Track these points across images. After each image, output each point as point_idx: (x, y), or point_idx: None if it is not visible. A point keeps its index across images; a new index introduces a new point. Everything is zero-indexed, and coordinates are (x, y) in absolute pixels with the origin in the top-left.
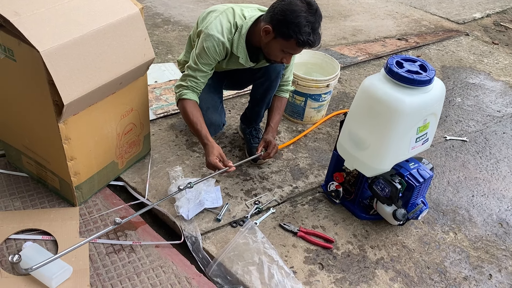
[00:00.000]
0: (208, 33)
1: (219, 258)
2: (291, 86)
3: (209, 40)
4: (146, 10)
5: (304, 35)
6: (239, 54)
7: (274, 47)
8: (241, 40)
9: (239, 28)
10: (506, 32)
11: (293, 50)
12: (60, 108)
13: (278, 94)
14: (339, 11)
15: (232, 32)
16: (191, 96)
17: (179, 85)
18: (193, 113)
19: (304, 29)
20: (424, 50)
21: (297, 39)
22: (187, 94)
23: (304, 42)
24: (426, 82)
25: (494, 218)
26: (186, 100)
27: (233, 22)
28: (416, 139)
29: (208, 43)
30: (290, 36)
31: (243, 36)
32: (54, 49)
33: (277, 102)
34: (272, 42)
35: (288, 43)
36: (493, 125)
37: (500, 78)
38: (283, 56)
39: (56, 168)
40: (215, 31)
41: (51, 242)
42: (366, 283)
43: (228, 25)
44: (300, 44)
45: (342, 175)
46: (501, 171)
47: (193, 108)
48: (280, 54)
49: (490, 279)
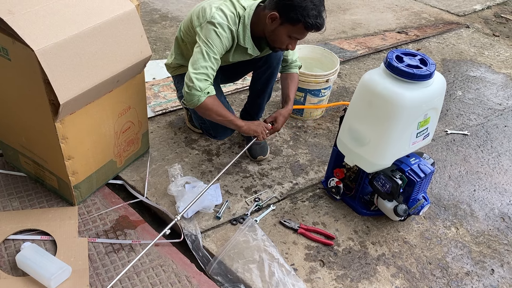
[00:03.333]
0: (215, 22)
1: (219, 256)
2: (299, 63)
3: (219, 28)
4: (144, 6)
5: (312, 18)
6: (247, 45)
7: (281, 33)
8: (247, 31)
9: (241, 19)
10: (507, 24)
11: (300, 35)
12: (56, 107)
13: (287, 71)
14: (338, 5)
15: (236, 23)
16: (214, 90)
17: (202, 79)
18: (223, 106)
19: (312, 12)
20: (425, 43)
21: (305, 22)
22: (212, 89)
23: (312, 25)
24: (427, 77)
25: (496, 213)
26: (213, 96)
27: (236, 13)
28: (416, 134)
29: (219, 30)
30: (298, 20)
31: (247, 26)
32: (49, 47)
33: (289, 77)
34: (279, 28)
35: (296, 28)
36: (495, 118)
37: (501, 70)
38: (289, 42)
39: (54, 167)
40: (221, 20)
41: (50, 242)
42: (368, 279)
43: (232, 16)
44: (308, 27)
45: (342, 171)
46: (503, 165)
47: (220, 102)
48: (286, 40)
49: (492, 274)
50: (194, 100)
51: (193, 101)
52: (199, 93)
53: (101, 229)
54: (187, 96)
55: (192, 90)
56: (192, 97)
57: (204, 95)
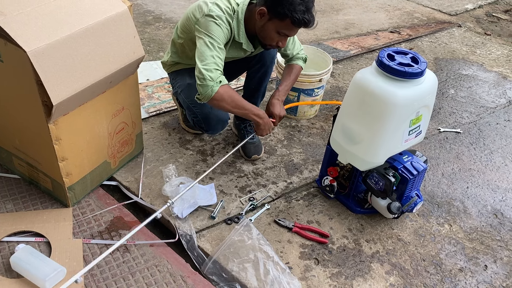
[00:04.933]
0: (213, 15)
1: (214, 255)
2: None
3: (218, 19)
4: (137, 8)
5: (299, 13)
6: (242, 40)
7: (269, 29)
8: (241, 26)
9: (235, 13)
10: (498, 22)
11: (288, 31)
12: (49, 108)
13: (291, 60)
14: (331, 5)
15: (232, 17)
16: (226, 80)
17: (213, 69)
18: (238, 95)
19: (299, 7)
20: (417, 42)
21: (292, 17)
22: (224, 78)
23: (299, 20)
24: (418, 75)
25: (489, 209)
26: (226, 85)
27: (231, 7)
28: (409, 131)
29: (218, 21)
30: (285, 15)
31: (241, 22)
32: (42, 49)
33: (287, 69)
34: (267, 24)
35: (283, 23)
36: (487, 116)
37: (493, 69)
38: (278, 39)
39: (48, 169)
40: (218, 12)
41: (44, 244)
42: (362, 277)
43: (227, 10)
44: (295, 23)
45: (336, 170)
46: (495, 162)
47: (235, 92)
48: (275, 36)
49: (485, 270)
50: (208, 91)
51: (207, 93)
52: (212, 83)
53: (96, 230)
54: (200, 89)
55: (204, 81)
56: (205, 89)
57: (216, 84)
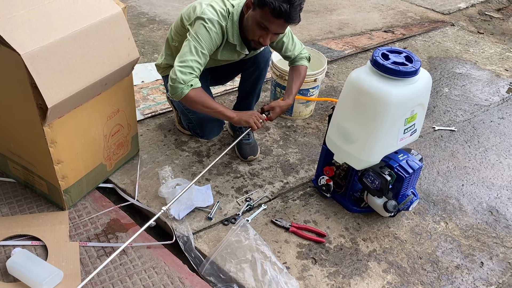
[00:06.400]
0: (205, 18)
1: (211, 256)
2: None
3: (208, 23)
4: (131, 10)
5: (277, 2)
6: (235, 41)
7: (251, 21)
8: (235, 27)
9: (230, 15)
10: (491, 21)
11: (268, 22)
12: (44, 111)
13: (293, 64)
14: (325, 5)
15: (226, 19)
16: (199, 83)
17: (187, 72)
18: (210, 98)
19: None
20: (411, 41)
21: (270, 4)
22: (197, 82)
23: (275, 8)
24: (412, 73)
25: (484, 206)
26: (197, 88)
27: (226, 9)
28: (404, 130)
29: (209, 25)
30: (265, 3)
31: (236, 23)
32: (36, 51)
33: (294, 70)
34: (250, 15)
35: (263, 12)
36: (481, 114)
37: (486, 67)
38: (260, 33)
39: (43, 172)
40: (211, 15)
41: (40, 247)
42: (359, 275)
43: (222, 11)
44: (273, 11)
45: (332, 169)
46: (490, 160)
47: (206, 94)
48: (257, 29)
49: (481, 267)
50: (177, 92)
51: (177, 93)
52: (182, 85)
53: (92, 233)
54: (170, 89)
55: (175, 83)
56: (175, 90)
57: (187, 87)
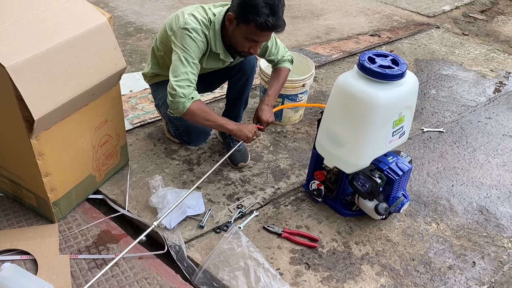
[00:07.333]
0: (188, 28)
1: (204, 265)
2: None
3: (193, 33)
4: (118, 19)
5: (262, 17)
6: (219, 50)
7: (238, 35)
8: (217, 36)
9: (212, 24)
10: (475, 22)
11: (257, 36)
12: (31, 123)
13: (278, 64)
14: (311, 11)
15: (208, 28)
16: (198, 95)
17: (185, 86)
18: (210, 110)
19: (262, 10)
20: (397, 44)
21: (255, 21)
22: (197, 94)
23: (261, 24)
24: (399, 76)
25: (474, 206)
26: (198, 101)
27: (207, 18)
28: (392, 133)
29: (193, 34)
30: (249, 20)
31: (218, 32)
32: (21, 63)
33: (274, 73)
34: (235, 30)
35: (249, 28)
36: (468, 114)
37: (472, 68)
38: (249, 45)
39: (32, 185)
40: (194, 25)
41: (30, 261)
42: (353, 279)
43: (204, 21)
44: (259, 27)
45: (322, 173)
46: (478, 159)
47: (207, 106)
48: (245, 42)
49: (474, 267)
50: (179, 107)
51: (179, 108)
52: (183, 99)
53: (83, 245)
54: (172, 105)
55: (176, 97)
56: (177, 105)
57: (188, 101)
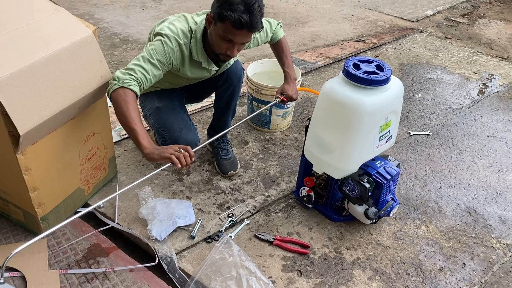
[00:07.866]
0: (162, 33)
1: (196, 276)
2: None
3: (165, 38)
4: (104, 31)
5: (237, 13)
6: (200, 59)
7: (215, 35)
8: (199, 45)
9: (193, 33)
10: (458, 26)
11: (231, 35)
12: (16, 138)
13: (273, 41)
14: (296, 18)
15: (188, 37)
16: (136, 88)
17: (126, 73)
18: (135, 108)
19: (237, 7)
20: (382, 49)
21: (229, 17)
22: (134, 85)
23: (235, 20)
24: (384, 82)
25: (463, 208)
26: (129, 90)
27: (187, 28)
28: (379, 137)
29: (165, 39)
30: (225, 17)
31: (199, 41)
32: (5, 78)
33: (277, 48)
34: (213, 30)
35: (225, 26)
36: (454, 117)
37: (456, 71)
38: (226, 46)
39: (19, 200)
40: (169, 32)
41: (19, 278)
42: (345, 284)
43: (183, 29)
44: (234, 24)
45: (312, 180)
46: (465, 161)
47: (135, 103)
48: (222, 43)
49: (464, 268)
50: (108, 89)
51: (108, 90)
52: (115, 82)
53: (73, 260)
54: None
55: (111, 80)
56: (108, 85)
57: (118, 84)
